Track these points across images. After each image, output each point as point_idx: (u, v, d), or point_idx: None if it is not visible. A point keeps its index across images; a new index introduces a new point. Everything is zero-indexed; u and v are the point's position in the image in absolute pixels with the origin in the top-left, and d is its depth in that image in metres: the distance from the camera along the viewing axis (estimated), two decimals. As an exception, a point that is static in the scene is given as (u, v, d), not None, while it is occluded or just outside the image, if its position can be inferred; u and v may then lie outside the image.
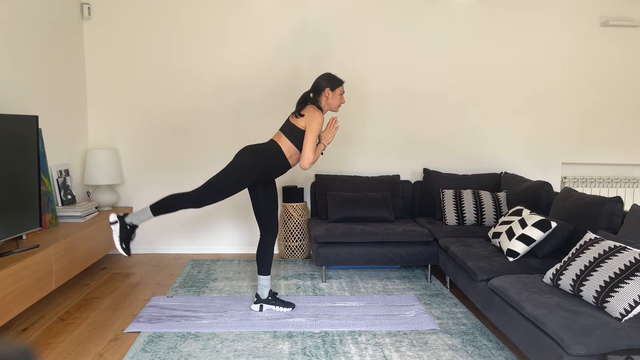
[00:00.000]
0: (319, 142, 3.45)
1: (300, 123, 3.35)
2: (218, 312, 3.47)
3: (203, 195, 3.30)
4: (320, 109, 3.43)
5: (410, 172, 5.12)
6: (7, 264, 2.88)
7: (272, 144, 3.38)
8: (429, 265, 4.24)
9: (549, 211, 3.80)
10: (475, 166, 5.14)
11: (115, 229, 3.34)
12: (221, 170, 3.33)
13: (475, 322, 3.38)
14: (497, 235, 3.60)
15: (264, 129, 4.93)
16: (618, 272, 2.42)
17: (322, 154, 3.48)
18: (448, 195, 4.48)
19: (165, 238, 5.04)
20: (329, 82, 3.43)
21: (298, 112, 3.38)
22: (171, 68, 4.88)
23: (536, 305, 2.52)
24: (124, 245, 3.35)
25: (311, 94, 3.47)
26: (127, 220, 3.35)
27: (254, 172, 3.33)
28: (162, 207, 3.31)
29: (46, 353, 2.89)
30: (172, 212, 3.32)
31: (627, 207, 5.04)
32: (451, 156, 5.11)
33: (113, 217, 3.35)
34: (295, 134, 3.35)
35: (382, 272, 4.49)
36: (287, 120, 3.43)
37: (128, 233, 3.37)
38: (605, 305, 2.39)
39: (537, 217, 3.38)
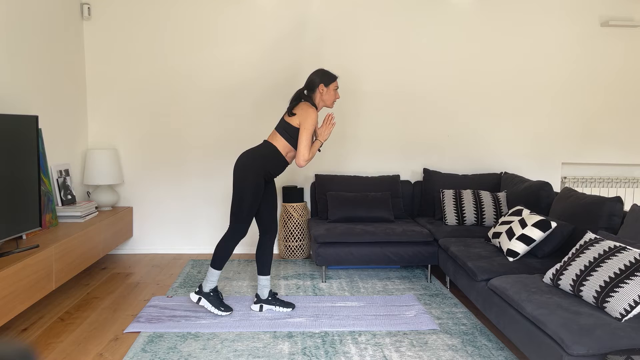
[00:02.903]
0: (315, 139, 3.44)
1: (294, 121, 3.34)
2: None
3: (239, 226, 3.36)
4: (314, 105, 3.42)
5: (410, 172, 5.12)
6: (7, 264, 2.88)
7: (268, 146, 3.38)
8: (429, 265, 4.24)
9: (549, 211, 3.80)
10: (475, 166, 5.14)
11: (205, 304, 3.43)
12: (234, 194, 3.36)
13: (475, 322, 3.38)
14: (497, 235, 3.60)
15: (262, 128, 4.93)
16: (618, 272, 2.42)
17: (319, 150, 3.47)
18: (448, 195, 4.48)
19: (165, 238, 5.04)
20: (323, 77, 3.42)
21: (290, 111, 3.38)
22: (171, 68, 4.88)
23: (536, 305, 2.52)
24: (222, 309, 3.43)
25: (305, 91, 3.47)
26: (205, 290, 3.44)
27: (260, 177, 3.34)
28: (218, 259, 3.40)
29: (46, 353, 2.89)
30: (230, 255, 3.43)
31: (627, 207, 5.04)
32: (451, 156, 5.12)
33: (195, 298, 3.43)
34: (290, 132, 3.35)
35: (382, 272, 4.49)
36: (282, 119, 3.42)
37: (216, 297, 3.45)
38: (605, 305, 2.39)
39: (537, 217, 3.38)
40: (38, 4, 3.97)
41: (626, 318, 2.31)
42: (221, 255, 3.40)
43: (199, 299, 3.44)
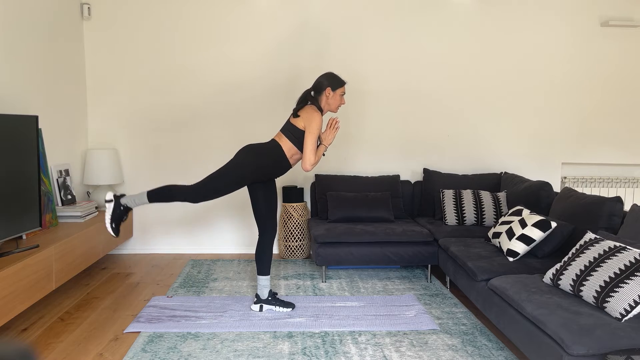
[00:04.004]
0: (320, 143, 3.44)
1: (299, 124, 3.34)
2: (218, 312, 3.47)
3: (201, 192, 3.31)
4: (320, 109, 3.42)
5: (410, 172, 5.12)
6: (7, 264, 2.88)
7: (274, 144, 3.38)
8: (429, 265, 4.24)
9: (549, 211, 3.80)
10: (475, 166, 5.14)
11: (110, 207, 3.35)
12: (222, 168, 3.32)
13: (475, 322, 3.38)
14: (497, 235, 3.60)
15: (264, 129, 4.93)
16: (618, 272, 2.42)
17: (323, 154, 3.46)
18: (448, 195, 4.48)
19: (165, 238, 5.04)
20: (331, 81, 3.42)
21: (295, 113, 3.38)
22: (171, 68, 4.88)
23: (536, 305, 2.52)
24: (113, 225, 3.37)
25: (312, 92, 3.47)
26: (123, 201, 3.36)
27: (254, 172, 3.33)
28: (159, 195, 3.32)
29: (46, 353, 2.89)
30: (168, 202, 3.36)
31: (627, 207, 5.03)
32: (451, 156, 5.11)
33: (109, 196, 3.37)
34: (295, 135, 3.35)
35: (382, 272, 4.49)
36: (288, 121, 3.42)
37: (120, 214, 3.37)
38: (605, 305, 2.39)
39: (537, 217, 3.38)
40: (38, 4, 3.97)
41: (626, 318, 2.31)
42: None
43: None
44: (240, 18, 4.87)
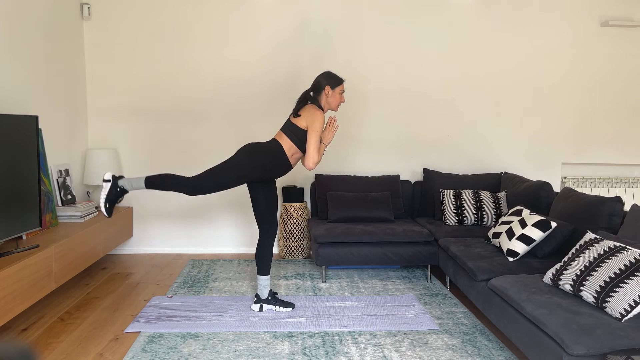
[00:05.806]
0: (320, 142, 3.44)
1: (301, 123, 3.34)
2: (218, 312, 3.47)
3: (200, 185, 3.31)
4: (320, 108, 3.42)
5: (410, 172, 5.12)
6: (7, 264, 2.88)
7: (274, 143, 3.38)
8: (429, 265, 4.24)
9: (549, 211, 3.80)
10: (475, 166, 5.14)
11: (106, 187, 3.33)
12: (222, 163, 3.33)
13: (475, 322, 3.38)
14: (497, 235, 3.60)
15: (264, 128, 4.93)
16: (618, 272, 2.42)
17: (322, 154, 3.47)
18: (448, 195, 4.48)
19: (165, 238, 5.04)
20: (329, 80, 3.42)
21: (295, 112, 3.38)
22: (171, 67, 4.88)
23: (536, 305, 2.52)
24: (107, 205, 3.34)
25: (311, 93, 3.47)
26: (120, 183, 3.35)
27: (254, 170, 3.33)
28: (156, 182, 3.33)
29: (46, 353, 2.89)
30: (163, 191, 3.35)
31: (627, 207, 5.03)
32: (451, 156, 5.11)
33: (108, 176, 3.35)
34: (296, 134, 3.35)
35: (382, 272, 4.49)
36: (288, 120, 3.42)
37: (116, 195, 3.36)
38: (605, 305, 2.39)
39: (537, 217, 3.38)
40: (38, 4, 3.97)
41: (626, 318, 2.31)
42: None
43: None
44: (240, 17, 4.87)
